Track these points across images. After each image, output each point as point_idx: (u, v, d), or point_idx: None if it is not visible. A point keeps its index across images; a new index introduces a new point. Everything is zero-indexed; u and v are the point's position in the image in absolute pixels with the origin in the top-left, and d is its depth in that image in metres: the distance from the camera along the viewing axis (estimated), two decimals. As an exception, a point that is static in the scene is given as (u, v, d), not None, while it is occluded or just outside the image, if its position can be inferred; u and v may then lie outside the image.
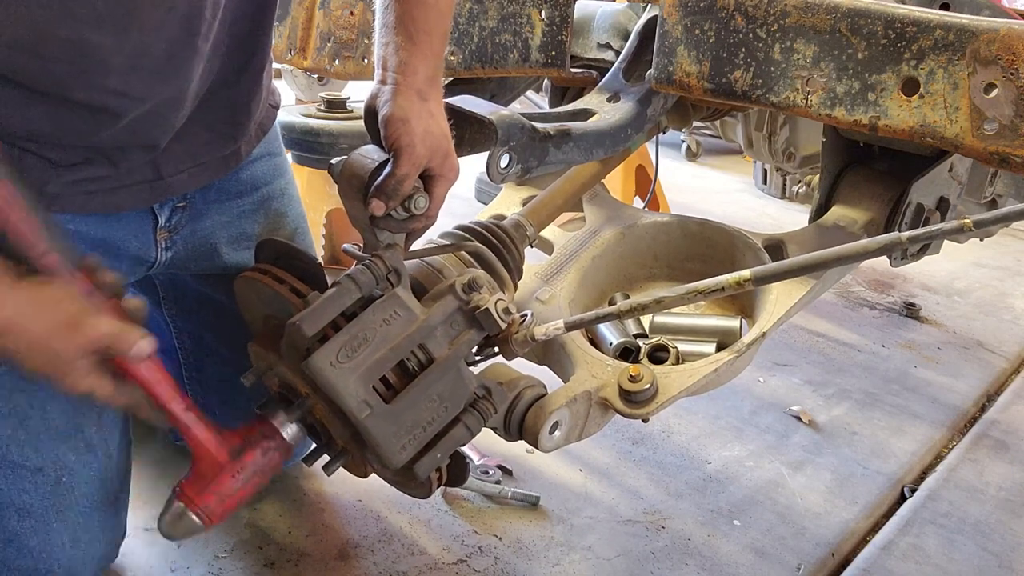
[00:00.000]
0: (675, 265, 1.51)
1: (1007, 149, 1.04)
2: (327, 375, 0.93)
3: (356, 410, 0.95)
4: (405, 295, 1.00)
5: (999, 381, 2.29)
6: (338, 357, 0.94)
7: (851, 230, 1.40)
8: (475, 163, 1.20)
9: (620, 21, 1.55)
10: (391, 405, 0.97)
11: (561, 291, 1.39)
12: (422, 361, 1.00)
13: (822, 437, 1.89)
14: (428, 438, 1.01)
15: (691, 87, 1.30)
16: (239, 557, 1.34)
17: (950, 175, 1.48)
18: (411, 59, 1.05)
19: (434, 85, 1.07)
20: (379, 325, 0.97)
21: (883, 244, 0.88)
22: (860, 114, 1.15)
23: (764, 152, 2.50)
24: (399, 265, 1.01)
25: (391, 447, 0.98)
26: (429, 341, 1.00)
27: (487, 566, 1.38)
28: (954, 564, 1.50)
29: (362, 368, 0.95)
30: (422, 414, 1.00)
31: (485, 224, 1.27)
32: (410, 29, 1.06)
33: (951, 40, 1.06)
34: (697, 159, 4.59)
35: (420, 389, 0.99)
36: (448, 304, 1.02)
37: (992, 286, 3.02)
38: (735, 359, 1.21)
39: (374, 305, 0.98)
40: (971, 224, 0.82)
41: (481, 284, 1.03)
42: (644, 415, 1.15)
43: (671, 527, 1.53)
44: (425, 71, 1.06)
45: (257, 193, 1.31)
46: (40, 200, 0.95)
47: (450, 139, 1.08)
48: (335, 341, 0.95)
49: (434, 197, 1.08)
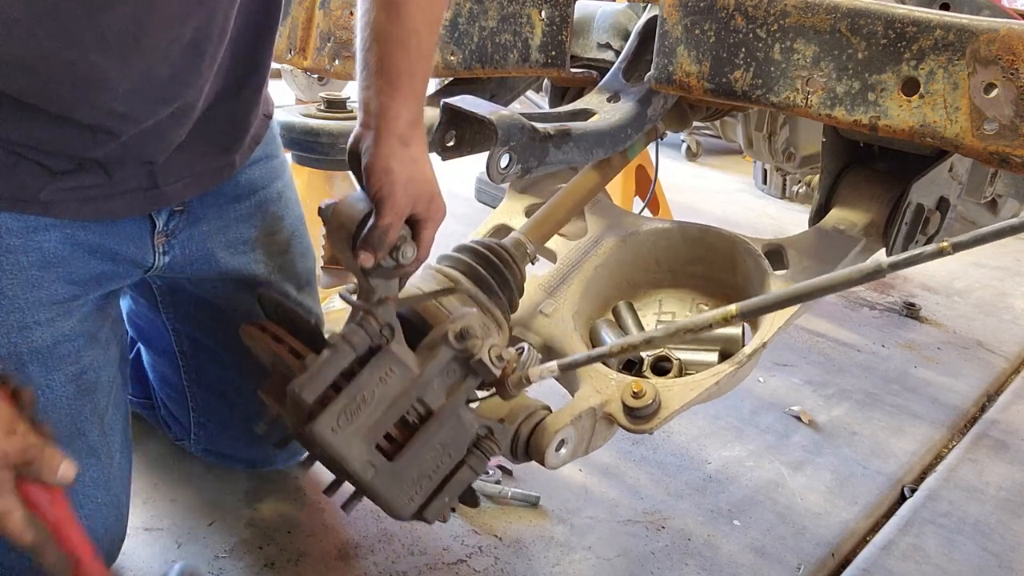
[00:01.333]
0: (678, 269, 1.51)
1: (1007, 149, 1.04)
2: (330, 441, 0.96)
3: (361, 472, 0.98)
4: (399, 350, 1.02)
5: (999, 381, 2.29)
6: (339, 422, 0.96)
7: (851, 233, 1.40)
8: (475, 163, 1.20)
9: (620, 21, 1.55)
10: (395, 462, 1.00)
11: (564, 303, 1.40)
12: (421, 413, 1.03)
13: (822, 437, 1.89)
14: (434, 486, 1.04)
15: (691, 87, 1.30)
16: (239, 557, 1.34)
17: (950, 175, 1.48)
18: (392, 104, 1.05)
19: (416, 128, 1.07)
20: (376, 384, 0.99)
21: (866, 273, 0.90)
22: (860, 114, 1.15)
23: (764, 152, 2.50)
24: (392, 320, 1.03)
25: (398, 502, 1.02)
26: (426, 394, 1.03)
27: (487, 566, 1.38)
28: (954, 564, 1.50)
29: (363, 430, 0.98)
30: (426, 465, 1.03)
31: (486, 244, 1.27)
32: (391, 73, 1.05)
33: (951, 40, 1.06)
34: (697, 159, 4.59)
35: (422, 442, 1.01)
36: (443, 355, 1.03)
37: (992, 286, 3.02)
38: (736, 370, 1.22)
39: (370, 364, 1.00)
40: (950, 247, 0.85)
41: (474, 333, 1.04)
42: (648, 430, 1.17)
43: (671, 527, 1.53)
44: (407, 115, 1.05)
45: (254, 197, 1.30)
46: (34, 206, 0.95)
47: (434, 182, 1.08)
48: (335, 406, 0.96)
49: (422, 241, 1.09)
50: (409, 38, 1.05)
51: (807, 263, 1.35)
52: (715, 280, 1.48)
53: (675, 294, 1.50)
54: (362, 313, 1.02)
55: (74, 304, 1.10)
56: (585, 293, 1.43)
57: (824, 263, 1.35)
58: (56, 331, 1.07)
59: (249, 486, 1.50)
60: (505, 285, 1.25)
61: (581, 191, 1.46)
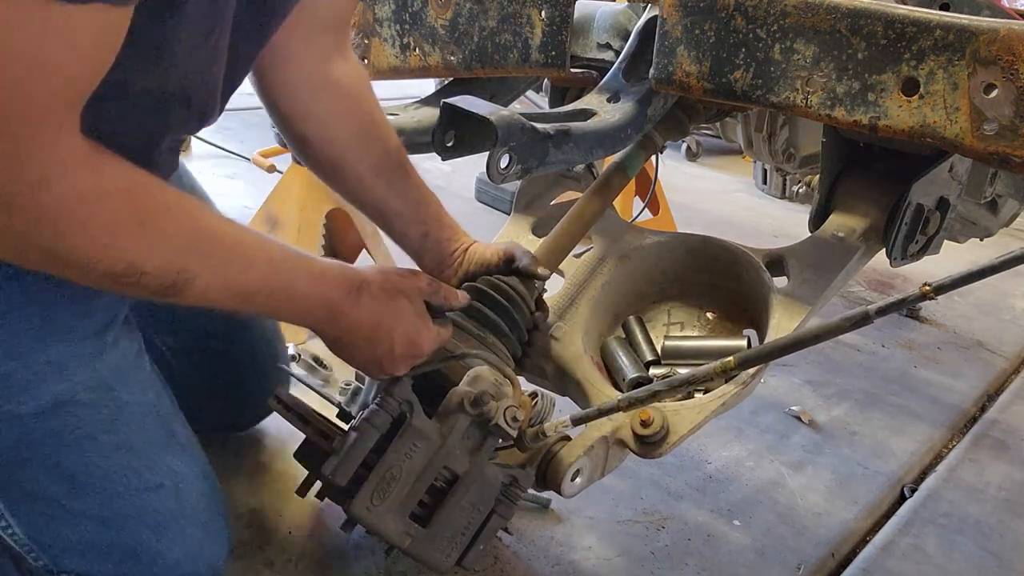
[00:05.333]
0: (684, 279, 1.52)
1: (1007, 149, 1.04)
2: (366, 519, 1.06)
3: (399, 542, 1.09)
4: (420, 423, 1.09)
5: (999, 381, 2.29)
6: (372, 501, 1.06)
7: (850, 240, 1.41)
8: (475, 163, 1.20)
9: (620, 21, 1.54)
10: (429, 529, 1.10)
11: (574, 325, 1.42)
12: (448, 479, 1.11)
13: (822, 437, 1.89)
14: (469, 539, 1.14)
15: (691, 87, 1.30)
16: (239, 557, 1.34)
17: (950, 175, 1.48)
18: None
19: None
20: (403, 460, 1.07)
21: (855, 320, 0.97)
22: (860, 114, 1.14)
23: (764, 152, 2.50)
24: (409, 395, 1.10)
25: (437, 560, 1.12)
26: (451, 461, 1.10)
27: (487, 566, 1.38)
28: (954, 564, 1.50)
29: (396, 504, 1.08)
30: (458, 523, 1.12)
31: (493, 285, 1.28)
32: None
33: (951, 40, 1.06)
34: (697, 159, 4.59)
35: (452, 505, 1.11)
36: (461, 423, 1.11)
37: (992, 286, 3.02)
38: (741, 390, 1.23)
39: (395, 443, 1.07)
40: (932, 291, 0.91)
41: (487, 400, 1.10)
42: (659, 455, 1.20)
43: (671, 527, 1.53)
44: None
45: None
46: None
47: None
48: (367, 487, 1.06)
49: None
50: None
51: (807, 273, 1.36)
52: (721, 288, 1.49)
53: (682, 304, 1.52)
54: (381, 392, 1.09)
55: (120, 320, 1.13)
56: (593, 312, 1.45)
57: (824, 272, 1.36)
58: (121, 347, 1.10)
59: (249, 486, 1.50)
60: (514, 325, 1.27)
61: (585, 216, 1.47)
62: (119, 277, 0.82)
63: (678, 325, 1.49)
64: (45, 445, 1.01)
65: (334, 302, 1.01)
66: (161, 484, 1.10)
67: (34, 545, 1.06)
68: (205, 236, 0.89)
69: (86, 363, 1.03)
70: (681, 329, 1.49)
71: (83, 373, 1.03)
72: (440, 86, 1.95)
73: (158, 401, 1.15)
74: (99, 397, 1.05)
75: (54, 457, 1.02)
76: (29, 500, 1.04)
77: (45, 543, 1.06)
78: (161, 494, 1.10)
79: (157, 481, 1.10)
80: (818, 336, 0.98)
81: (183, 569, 1.11)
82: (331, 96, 1.22)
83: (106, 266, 0.81)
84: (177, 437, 1.16)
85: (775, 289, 1.35)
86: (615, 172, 1.48)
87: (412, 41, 1.63)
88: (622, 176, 1.49)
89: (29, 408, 0.99)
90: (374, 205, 1.30)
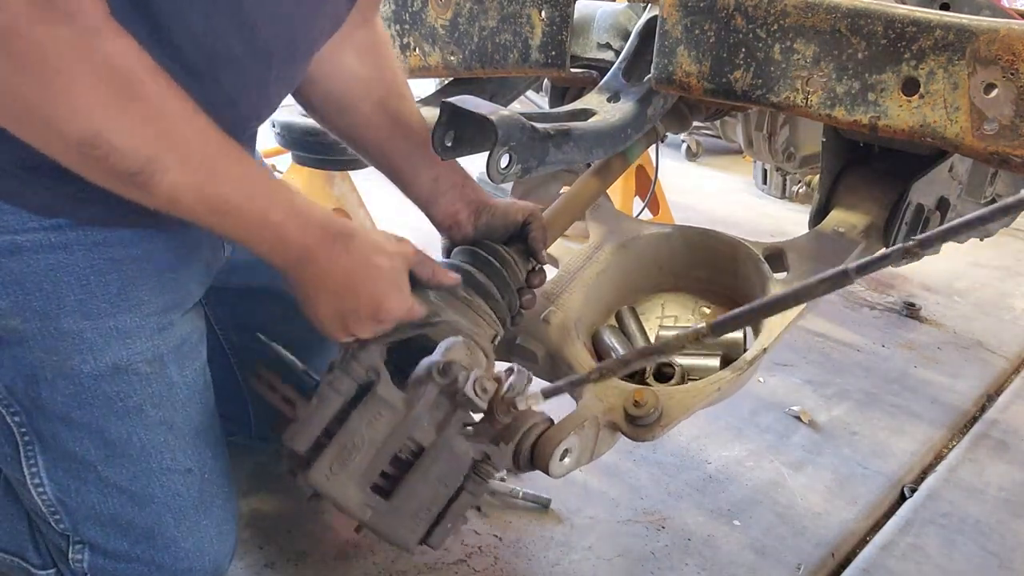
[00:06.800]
0: (680, 274, 1.51)
1: (1007, 149, 1.04)
2: (324, 487, 1.01)
3: (359, 514, 1.03)
4: (386, 391, 1.05)
5: (999, 381, 2.29)
6: (331, 469, 1.01)
7: (851, 236, 1.41)
8: (475, 163, 1.20)
9: (620, 21, 1.55)
10: (391, 500, 1.04)
11: (567, 310, 1.40)
12: (414, 450, 1.06)
13: (822, 437, 1.89)
14: (434, 516, 1.08)
15: (691, 87, 1.30)
16: (239, 557, 1.34)
17: (950, 175, 1.49)
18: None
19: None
20: (366, 428, 1.02)
21: (832, 279, 0.89)
22: (860, 114, 1.15)
23: (764, 152, 2.50)
24: (375, 362, 1.05)
25: (400, 536, 1.06)
26: (416, 432, 1.05)
27: (487, 566, 1.38)
28: (954, 564, 1.50)
29: (357, 474, 1.02)
30: (424, 498, 1.06)
31: (485, 246, 1.27)
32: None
33: (951, 40, 1.06)
34: (697, 159, 4.59)
35: (416, 478, 1.05)
36: (429, 392, 1.05)
37: (992, 286, 3.02)
38: (737, 377, 1.22)
39: (358, 409, 1.02)
40: (916, 245, 0.87)
41: (457, 368, 1.05)
42: (651, 438, 1.18)
43: (671, 527, 1.53)
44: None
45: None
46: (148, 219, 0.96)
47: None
48: (327, 454, 1.00)
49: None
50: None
51: (807, 266, 1.35)
52: (717, 283, 1.48)
53: (677, 298, 1.51)
54: (347, 357, 1.05)
55: (188, 305, 1.14)
56: (587, 300, 1.43)
57: (824, 266, 1.35)
58: (182, 330, 1.11)
59: (249, 486, 1.50)
60: (505, 288, 1.25)
61: (582, 196, 1.46)
62: (85, 146, 0.81)
63: (672, 318, 1.48)
64: (95, 407, 1.04)
65: (307, 245, 0.97)
66: (190, 469, 1.11)
67: (60, 507, 1.08)
68: (186, 132, 0.86)
69: (148, 336, 1.05)
70: (675, 322, 1.48)
71: (143, 344, 1.05)
72: (440, 86, 1.96)
73: (206, 390, 1.16)
74: (154, 371, 1.07)
75: (101, 421, 1.04)
76: (67, 460, 1.06)
77: (71, 506, 1.08)
78: (188, 479, 1.11)
79: (187, 465, 1.11)
80: (797, 297, 0.91)
81: (191, 561, 1.11)
82: (342, 37, 1.17)
83: (77, 129, 0.80)
84: (214, 428, 1.17)
85: (773, 281, 1.35)
86: (616, 156, 1.47)
87: (412, 41, 1.63)
88: (622, 161, 1.49)
89: (90, 367, 1.02)
90: (379, 147, 1.25)
